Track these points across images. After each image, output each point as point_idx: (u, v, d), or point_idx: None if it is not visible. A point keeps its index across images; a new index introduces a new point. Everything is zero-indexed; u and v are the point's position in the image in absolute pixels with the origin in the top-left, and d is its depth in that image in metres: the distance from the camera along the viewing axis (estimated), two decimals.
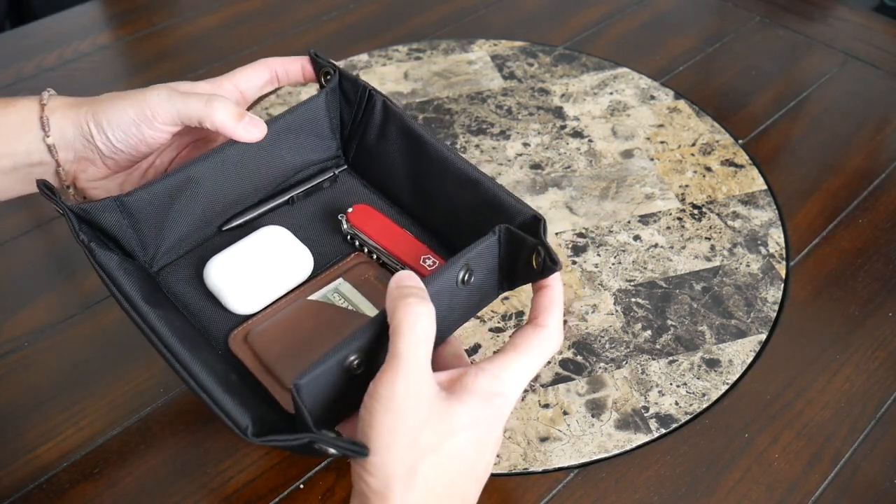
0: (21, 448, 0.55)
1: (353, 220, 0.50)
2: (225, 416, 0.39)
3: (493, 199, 0.46)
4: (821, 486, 0.53)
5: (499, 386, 0.39)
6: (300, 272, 0.48)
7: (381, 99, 0.51)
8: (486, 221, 0.44)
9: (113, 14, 0.98)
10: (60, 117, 0.48)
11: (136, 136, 0.48)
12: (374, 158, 0.53)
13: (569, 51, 0.91)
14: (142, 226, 0.46)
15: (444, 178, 0.48)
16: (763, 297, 0.64)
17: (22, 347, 0.61)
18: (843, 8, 0.98)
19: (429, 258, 0.48)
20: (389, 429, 0.36)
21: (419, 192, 0.51)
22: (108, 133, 0.48)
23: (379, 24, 0.95)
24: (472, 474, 0.39)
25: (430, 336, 0.37)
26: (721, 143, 0.78)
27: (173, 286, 0.48)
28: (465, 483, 0.38)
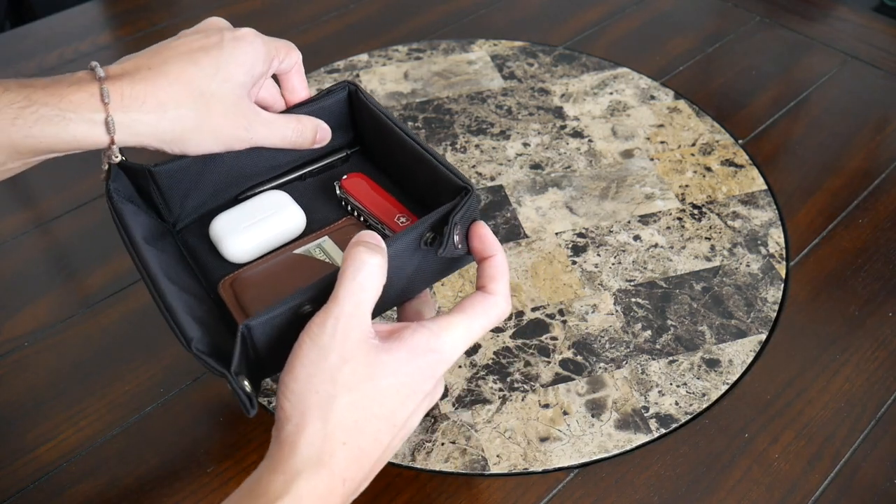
0: (21, 448, 0.55)
1: (346, 186, 0.53)
2: (176, 326, 0.41)
3: (438, 172, 0.49)
4: (821, 486, 0.53)
5: (435, 343, 0.40)
6: (292, 229, 0.51)
7: (352, 87, 0.55)
8: (441, 193, 0.48)
9: (113, 14, 0.98)
10: (128, 123, 0.46)
11: (210, 150, 0.49)
12: (369, 144, 0.57)
13: (569, 51, 0.91)
14: (167, 193, 0.50)
15: (406, 156, 0.52)
16: (763, 297, 0.64)
17: (22, 347, 0.61)
18: (843, 8, 0.98)
19: (402, 217, 0.51)
20: (312, 361, 0.38)
21: (401, 172, 0.54)
22: (188, 148, 0.48)
23: (379, 24, 0.95)
24: (389, 419, 0.39)
25: (373, 284, 0.39)
26: (721, 143, 0.78)
27: (188, 240, 0.52)
28: (379, 425, 0.39)
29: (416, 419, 0.42)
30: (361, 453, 0.39)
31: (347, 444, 0.38)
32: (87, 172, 0.75)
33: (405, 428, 0.41)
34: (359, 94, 0.54)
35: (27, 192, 0.75)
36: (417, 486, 0.53)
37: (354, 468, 0.39)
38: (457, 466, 0.53)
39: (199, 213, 0.52)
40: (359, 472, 0.39)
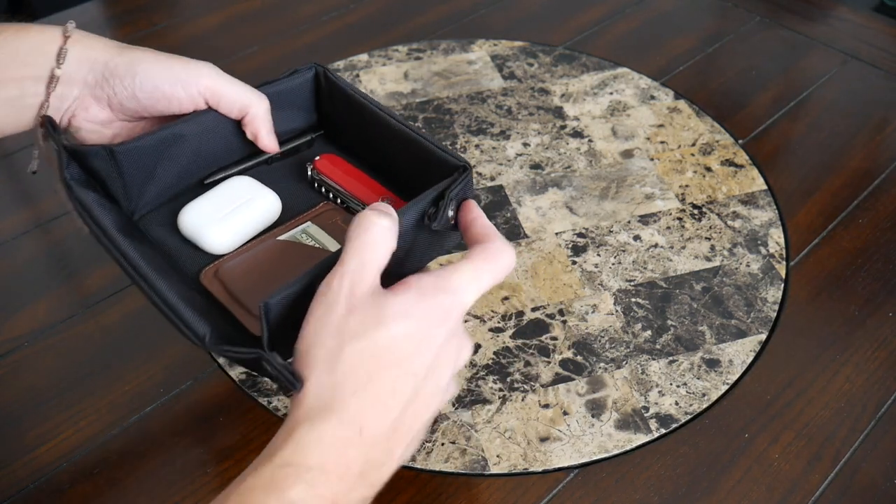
0: (21, 448, 0.55)
1: (319, 167, 0.52)
2: (184, 325, 0.40)
3: (430, 153, 0.49)
4: (821, 486, 0.53)
5: (443, 283, 0.39)
6: (269, 214, 0.50)
7: (321, 70, 0.54)
8: (433, 174, 0.47)
9: (113, 14, 0.98)
10: (82, 49, 0.48)
11: (163, 93, 0.48)
12: (339, 127, 0.56)
13: (569, 51, 0.91)
14: (128, 176, 0.48)
15: (390, 139, 0.51)
16: (763, 297, 0.64)
17: (22, 347, 0.61)
18: (843, 8, 0.98)
19: (386, 199, 0.51)
20: (318, 317, 0.37)
21: (380, 155, 0.53)
22: (138, 80, 0.47)
23: (379, 24, 0.95)
24: (405, 366, 0.37)
25: (381, 244, 0.39)
26: (721, 143, 0.78)
27: (152, 231, 0.50)
28: (395, 373, 0.37)
29: (444, 373, 0.39)
30: (378, 403, 0.36)
31: (359, 393, 0.36)
32: None
33: (430, 379, 0.38)
34: (328, 76, 0.53)
35: (27, 192, 0.75)
36: (417, 486, 0.53)
37: (373, 417, 0.36)
38: (457, 466, 0.53)
39: (160, 200, 0.50)
40: (380, 424, 0.36)
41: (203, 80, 0.48)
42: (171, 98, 0.48)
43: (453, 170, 0.46)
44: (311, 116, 0.56)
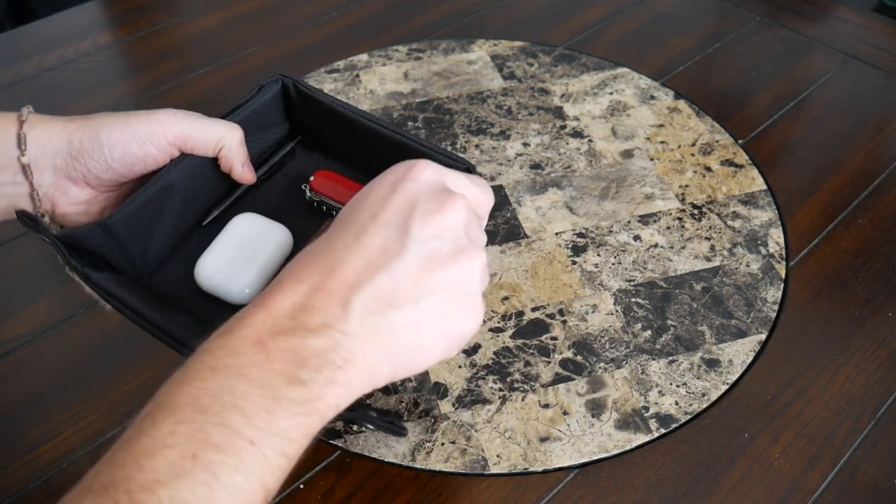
0: (21, 448, 0.55)
1: (316, 187, 0.51)
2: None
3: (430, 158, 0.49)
4: (821, 486, 0.53)
5: (406, 163, 0.39)
6: (284, 247, 0.49)
7: (288, 81, 0.53)
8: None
9: (113, 14, 0.98)
10: (41, 133, 0.45)
11: (135, 155, 0.46)
12: (318, 133, 0.55)
13: (569, 51, 0.91)
14: (127, 243, 0.47)
15: (379, 149, 0.51)
16: (763, 297, 0.64)
17: (22, 347, 0.61)
18: (843, 8, 0.98)
19: None
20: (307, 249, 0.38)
21: (372, 162, 0.53)
22: (106, 150, 0.46)
23: (379, 24, 0.95)
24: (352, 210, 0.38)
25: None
26: (721, 143, 0.78)
27: (166, 288, 0.49)
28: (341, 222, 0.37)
29: (425, 241, 0.36)
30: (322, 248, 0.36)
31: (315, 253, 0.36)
32: None
33: (418, 244, 0.36)
34: (297, 87, 0.52)
35: None
36: (417, 486, 0.53)
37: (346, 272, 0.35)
38: (457, 466, 0.53)
39: (162, 255, 0.49)
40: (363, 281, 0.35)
41: (169, 130, 0.47)
42: (146, 157, 0.47)
43: (461, 170, 0.45)
44: (285, 126, 0.55)
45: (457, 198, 0.38)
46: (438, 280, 0.36)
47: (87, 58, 0.90)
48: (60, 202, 0.47)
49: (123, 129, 0.46)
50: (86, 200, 0.48)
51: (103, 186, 0.48)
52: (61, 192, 0.47)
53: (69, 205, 0.48)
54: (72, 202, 0.48)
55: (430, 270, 0.36)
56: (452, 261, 0.36)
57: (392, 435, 0.38)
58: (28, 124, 0.45)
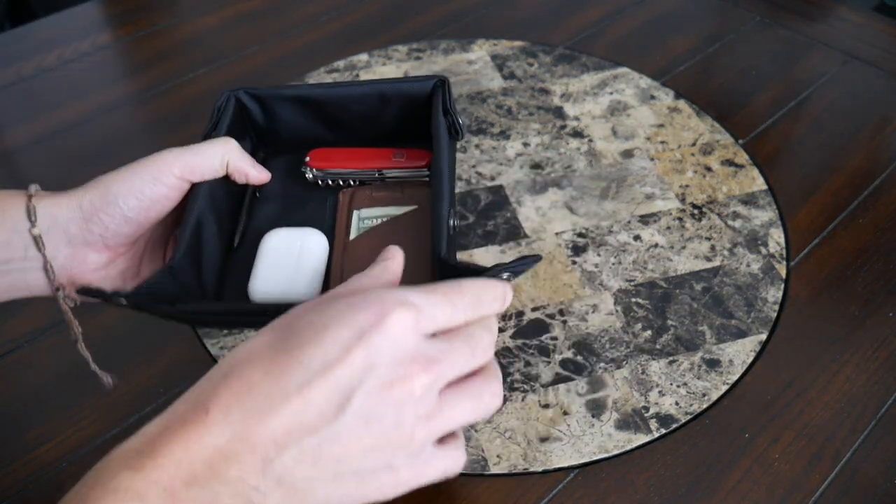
0: (21, 448, 0.55)
1: (316, 164, 0.52)
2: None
3: (399, 91, 0.52)
4: (821, 486, 0.53)
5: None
6: (323, 248, 0.49)
7: (239, 94, 0.53)
8: (411, 109, 0.52)
9: (113, 14, 0.98)
10: (50, 205, 0.44)
11: (149, 198, 0.45)
12: (279, 133, 0.55)
13: (569, 51, 0.91)
14: (187, 282, 0.47)
15: (348, 110, 0.52)
16: (763, 297, 0.64)
17: (22, 347, 0.61)
18: (843, 8, 0.98)
19: (398, 154, 0.52)
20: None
21: (352, 127, 0.54)
22: (120, 201, 0.45)
23: (379, 24, 0.95)
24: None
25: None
26: (721, 143, 0.78)
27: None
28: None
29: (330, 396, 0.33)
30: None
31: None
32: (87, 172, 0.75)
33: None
34: (251, 94, 0.52)
35: None
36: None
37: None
38: None
39: (212, 286, 0.49)
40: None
41: (174, 165, 0.46)
42: (158, 198, 0.46)
43: (431, 91, 0.50)
44: (251, 141, 0.55)
45: (420, 375, 0.34)
46: (366, 456, 0.34)
47: (87, 58, 0.90)
48: (79, 271, 0.46)
49: (131, 177, 0.45)
50: (104, 264, 0.47)
51: (121, 245, 0.47)
52: (79, 260, 0.46)
53: (89, 272, 0.47)
54: (91, 269, 0.47)
55: (359, 443, 0.33)
56: (387, 440, 0.34)
57: (533, 265, 0.40)
58: (36, 198, 0.45)
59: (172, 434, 0.31)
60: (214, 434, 0.31)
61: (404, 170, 0.53)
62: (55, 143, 0.79)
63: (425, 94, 0.53)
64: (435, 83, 0.52)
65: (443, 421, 0.35)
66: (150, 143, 0.80)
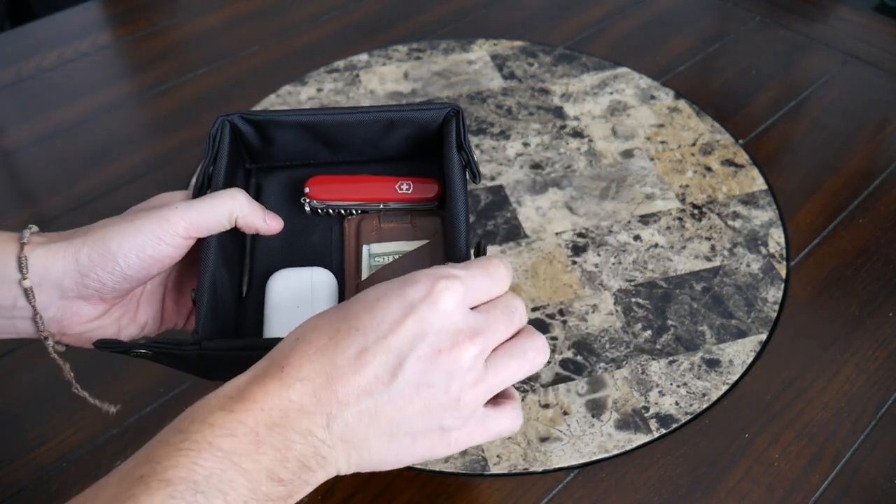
0: (21, 448, 0.55)
1: (315, 196, 0.49)
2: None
3: (410, 119, 0.49)
4: (821, 486, 0.53)
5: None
6: (332, 282, 0.48)
7: (234, 118, 0.50)
8: (420, 139, 0.50)
9: (113, 14, 0.98)
10: (43, 255, 0.42)
11: (151, 258, 0.43)
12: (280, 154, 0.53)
13: (569, 51, 0.91)
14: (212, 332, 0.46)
15: (355, 133, 0.50)
16: (763, 297, 0.64)
17: (22, 347, 0.61)
18: (843, 8, 0.98)
19: (402, 184, 0.50)
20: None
21: (343, 149, 0.52)
22: (121, 259, 0.42)
23: (379, 24, 0.95)
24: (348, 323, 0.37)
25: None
26: (721, 143, 0.78)
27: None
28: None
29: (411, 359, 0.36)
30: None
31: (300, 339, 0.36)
32: (87, 172, 0.75)
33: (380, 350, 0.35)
34: (247, 119, 0.49)
35: (27, 192, 0.75)
36: (417, 486, 0.53)
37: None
38: (457, 466, 0.53)
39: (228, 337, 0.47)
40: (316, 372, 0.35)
41: (179, 225, 0.43)
42: (162, 258, 0.44)
43: (443, 120, 0.47)
44: (245, 164, 0.53)
45: (467, 345, 0.36)
46: (418, 418, 0.37)
47: (87, 57, 0.90)
48: (71, 323, 0.45)
49: (133, 234, 0.43)
50: (98, 316, 0.46)
51: (116, 297, 0.45)
52: (72, 312, 0.44)
53: (81, 324, 0.45)
54: (85, 321, 0.45)
55: (411, 405, 0.36)
56: (437, 403, 0.36)
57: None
58: (29, 247, 0.43)
59: (256, 385, 0.35)
60: (288, 388, 0.35)
61: (411, 203, 0.50)
62: (55, 143, 0.79)
63: (436, 123, 0.50)
64: (448, 113, 0.49)
65: (490, 384, 0.37)
66: (150, 143, 0.80)
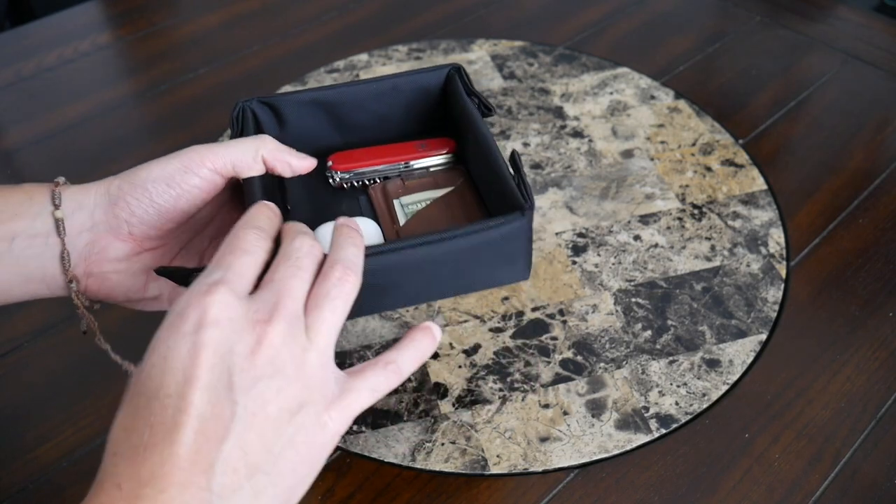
0: (21, 448, 0.55)
1: (340, 167, 0.51)
2: None
3: (413, 83, 0.52)
4: (821, 486, 0.53)
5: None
6: (376, 233, 0.48)
7: (252, 103, 0.51)
8: (423, 100, 0.53)
9: (113, 14, 0.98)
10: (77, 191, 0.43)
11: (179, 186, 0.43)
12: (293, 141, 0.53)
13: (569, 51, 0.91)
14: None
15: (362, 110, 0.52)
16: (763, 297, 0.64)
17: (22, 347, 0.61)
18: (843, 8, 0.98)
19: (421, 145, 0.52)
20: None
21: (354, 131, 0.54)
22: (150, 185, 0.43)
23: (379, 24, 0.95)
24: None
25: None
26: (721, 143, 0.78)
27: None
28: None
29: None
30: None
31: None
32: (87, 172, 0.75)
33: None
34: (265, 103, 0.51)
35: None
36: (417, 487, 0.53)
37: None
38: (457, 466, 0.53)
39: None
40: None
41: (206, 157, 0.43)
42: (190, 188, 0.43)
43: (445, 80, 0.51)
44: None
45: (269, 329, 0.34)
46: (279, 419, 0.33)
47: (87, 57, 0.90)
48: (99, 259, 0.44)
49: (163, 165, 0.43)
50: (126, 255, 0.45)
51: (147, 237, 0.45)
52: (100, 247, 0.44)
53: (108, 261, 0.44)
54: (112, 258, 0.44)
55: (267, 416, 0.33)
56: (285, 394, 0.33)
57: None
58: (63, 187, 0.44)
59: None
60: (136, 503, 0.30)
61: (431, 157, 0.53)
62: (55, 143, 0.79)
63: (439, 84, 0.53)
64: (449, 71, 0.53)
65: (318, 344, 0.35)
66: (150, 143, 0.80)
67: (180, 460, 0.30)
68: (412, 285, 0.43)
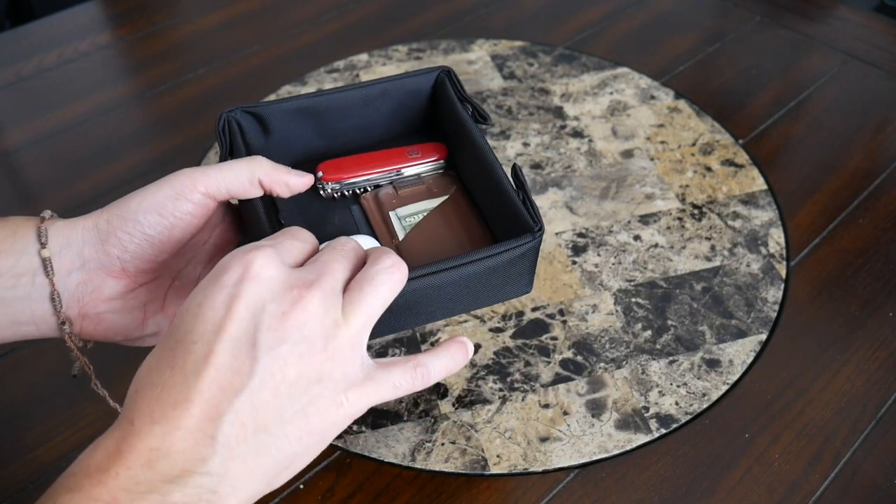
0: (20, 448, 0.55)
1: (330, 178, 0.50)
2: None
3: (402, 87, 0.51)
4: (821, 486, 0.53)
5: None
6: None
7: (236, 113, 0.50)
8: (412, 103, 0.52)
9: (113, 14, 0.98)
10: (64, 226, 0.41)
11: (172, 214, 0.41)
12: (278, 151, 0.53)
13: (569, 51, 0.91)
14: None
15: (349, 116, 0.52)
16: (763, 297, 0.64)
17: (22, 347, 0.61)
18: (843, 8, 0.98)
19: (412, 151, 0.51)
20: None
21: (340, 137, 0.54)
22: (140, 216, 0.41)
23: (379, 24, 0.95)
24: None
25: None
26: (721, 143, 0.78)
27: None
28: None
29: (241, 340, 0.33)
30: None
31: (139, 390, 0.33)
32: (87, 172, 0.75)
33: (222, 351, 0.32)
34: (249, 112, 0.50)
35: (27, 192, 0.75)
36: (417, 487, 0.53)
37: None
38: (457, 466, 0.53)
39: None
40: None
41: (199, 181, 0.42)
42: (182, 215, 0.42)
43: (434, 83, 0.50)
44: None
45: (307, 294, 0.34)
46: (296, 385, 0.33)
47: (87, 57, 0.90)
48: (93, 300, 0.42)
49: (153, 193, 0.41)
50: (121, 293, 0.43)
51: (142, 272, 0.43)
52: (93, 286, 0.42)
53: (102, 301, 0.42)
54: (106, 297, 0.42)
55: (284, 378, 0.33)
56: (307, 361, 0.34)
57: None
58: (49, 221, 0.41)
59: (106, 455, 0.31)
60: (146, 437, 0.31)
61: (422, 164, 0.52)
62: (55, 143, 0.79)
63: (429, 88, 0.53)
64: (439, 75, 0.52)
65: (353, 325, 0.35)
66: (150, 143, 0.80)
67: (192, 406, 0.31)
68: (425, 306, 0.43)
